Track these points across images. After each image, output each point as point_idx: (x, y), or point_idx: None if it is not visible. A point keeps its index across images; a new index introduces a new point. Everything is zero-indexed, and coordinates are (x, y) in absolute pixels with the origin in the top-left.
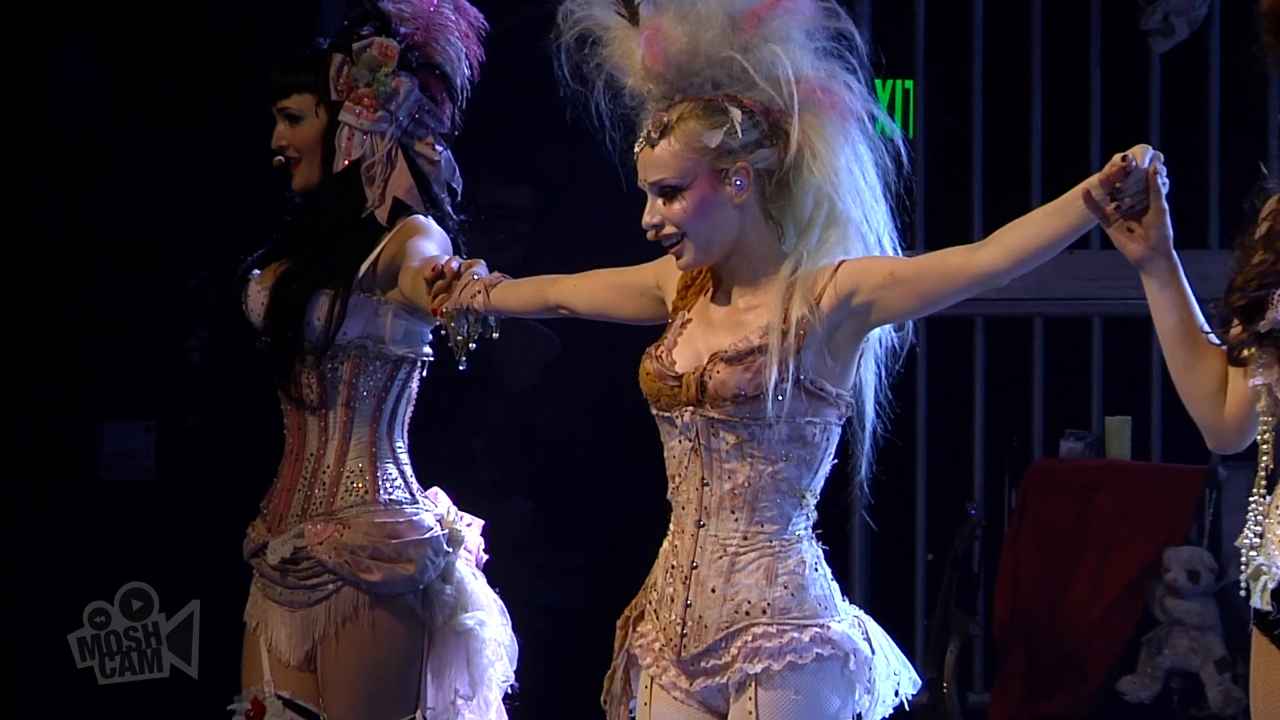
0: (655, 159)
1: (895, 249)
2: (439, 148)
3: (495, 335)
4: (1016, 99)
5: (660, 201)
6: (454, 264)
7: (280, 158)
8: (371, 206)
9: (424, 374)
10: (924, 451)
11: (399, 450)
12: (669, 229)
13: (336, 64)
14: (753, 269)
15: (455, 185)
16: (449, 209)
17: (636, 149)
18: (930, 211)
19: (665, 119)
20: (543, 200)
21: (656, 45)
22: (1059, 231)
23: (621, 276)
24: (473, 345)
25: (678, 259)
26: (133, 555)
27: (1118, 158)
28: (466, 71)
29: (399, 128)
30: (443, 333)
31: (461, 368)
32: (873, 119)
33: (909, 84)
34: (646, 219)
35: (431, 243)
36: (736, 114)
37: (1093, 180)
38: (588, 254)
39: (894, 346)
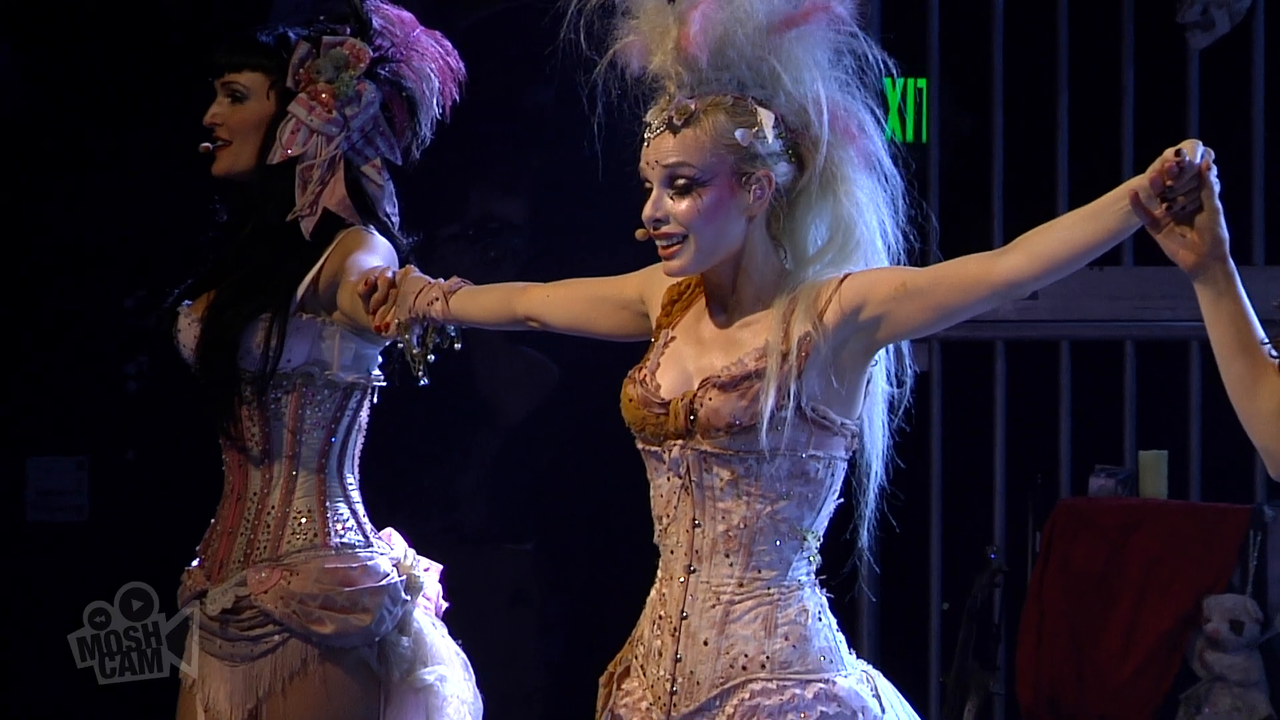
0: (676, 145)
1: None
2: (385, 175)
3: (457, 346)
4: (1041, 98)
5: (668, 195)
6: (388, 274)
7: (207, 144)
8: (298, 213)
9: (375, 401)
10: (938, 489)
11: (350, 487)
12: (673, 227)
13: (301, 52)
14: (753, 286)
15: (394, 218)
16: (397, 231)
17: (649, 134)
18: (946, 222)
19: (692, 106)
20: (537, 212)
21: (702, 27)
22: (1094, 238)
23: (600, 288)
24: (431, 357)
25: (669, 260)
26: (62, 604)
27: (1169, 153)
28: (436, 110)
29: (348, 138)
30: (399, 345)
31: (422, 383)
32: (880, 161)
33: (921, 82)
34: (649, 212)
35: (374, 256)
36: (768, 118)
37: (1141, 180)
38: (586, 270)
39: (902, 373)
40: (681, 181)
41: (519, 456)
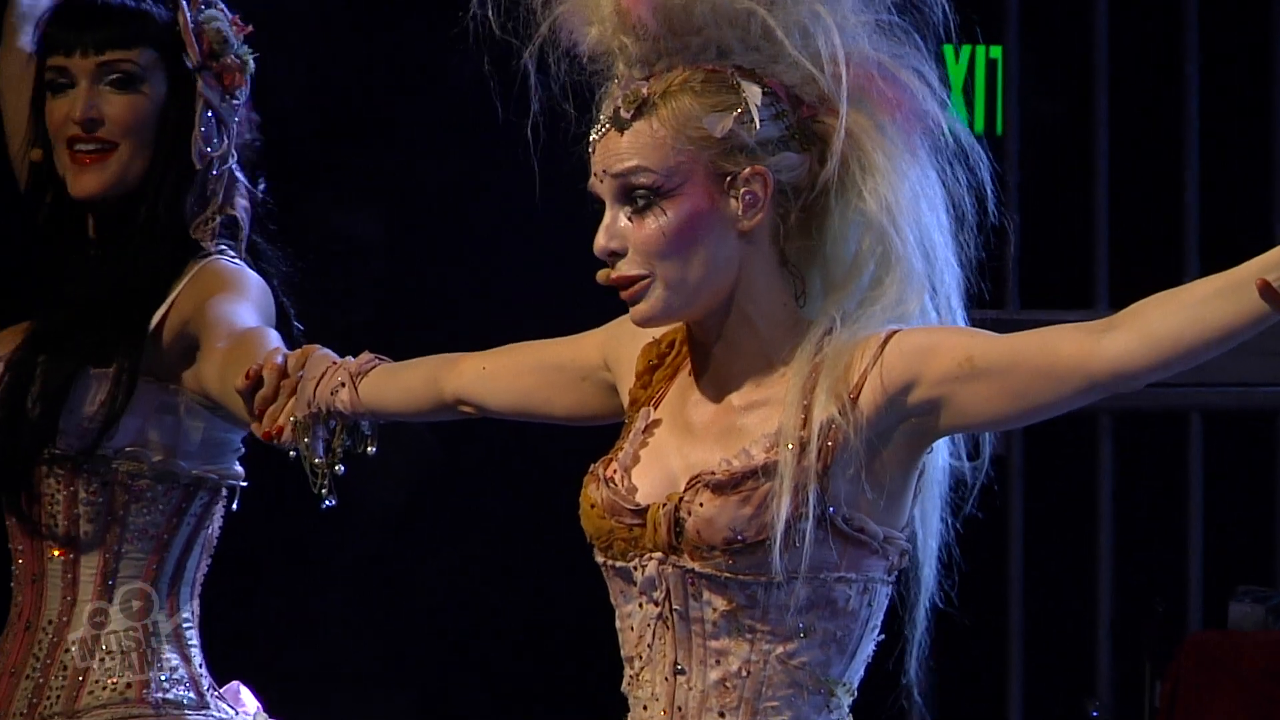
0: (627, 144)
1: (965, 319)
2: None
3: (371, 450)
4: (1159, 75)
5: (625, 215)
6: (277, 359)
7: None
8: (200, 231)
9: (232, 507)
10: (1019, 617)
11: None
12: (634, 266)
13: (190, 17)
14: (758, 339)
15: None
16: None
17: (594, 135)
18: (1027, 247)
19: (644, 92)
20: (401, 228)
21: None
22: (1231, 322)
23: (552, 353)
24: (339, 469)
25: (634, 306)
26: None
27: None
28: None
29: (239, 127)
30: (292, 454)
31: (328, 503)
32: (943, 130)
33: (996, 51)
34: (601, 242)
35: (244, 303)
36: (755, 93)
37: (1272, 258)
38: (476, 312)
39: (969, 453)
40: (640, 194)
41: (399, 565)
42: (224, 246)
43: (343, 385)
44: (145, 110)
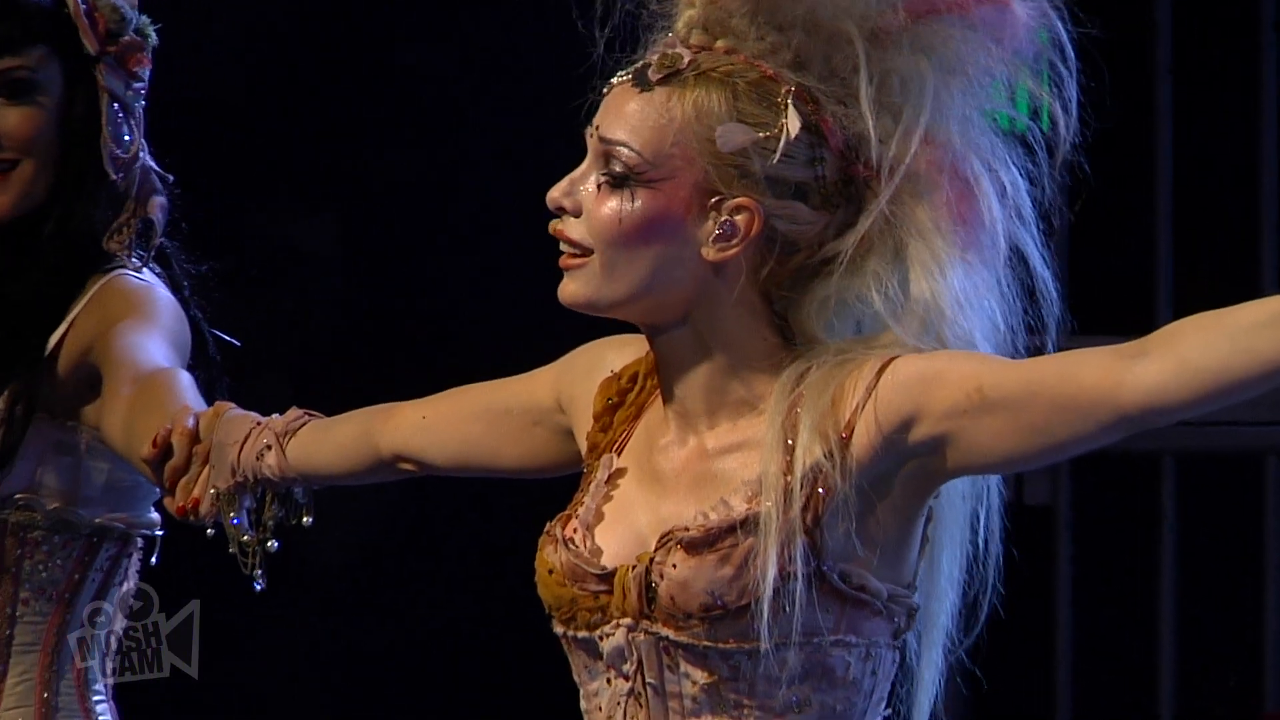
0: (634, 111)
1: None
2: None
3: (307, 521)
4: (1227, 66)
5: (596, 181)
6: (187, 421)
7: None
8: (114, 242)
9: (150, 562)
10: (1069, 694)
11: (95, 696)
12: (579, 233)
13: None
14: (726, 376)
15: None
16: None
17: (614, 80)
18: (1075, 267)
19: (685, 59)
20: (358, 239)
21: None
22: None
23: (496, 396)
24: (271, 544)
25: (564, 281)
26: None
27: None
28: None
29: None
30: (210, 531)
31: (258, 585)
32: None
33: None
34: (554, 193)
35: (154, 334)
36: (795, 126)
37: None
38: (444, 327)
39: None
40: (618, 168)
41: (346, 625)
42: (134, 257)
43: (269, 448)
44: (44, 119)
